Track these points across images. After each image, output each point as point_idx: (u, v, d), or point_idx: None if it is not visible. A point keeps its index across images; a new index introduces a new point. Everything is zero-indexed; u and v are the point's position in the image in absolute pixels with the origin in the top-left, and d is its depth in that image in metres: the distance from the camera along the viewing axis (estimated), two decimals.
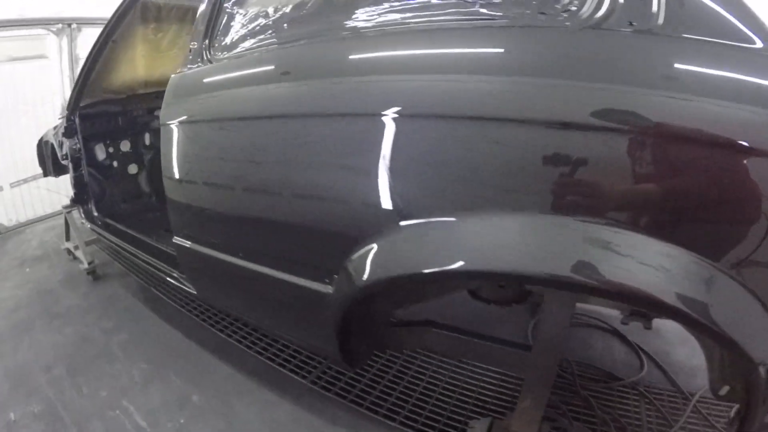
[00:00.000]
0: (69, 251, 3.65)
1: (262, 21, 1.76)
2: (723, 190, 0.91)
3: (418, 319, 1.75)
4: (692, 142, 0.92)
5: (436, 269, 1.15)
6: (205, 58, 1.87)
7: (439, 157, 1.14)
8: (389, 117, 1.19)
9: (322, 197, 1.37)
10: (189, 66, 1.91)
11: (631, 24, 1.01)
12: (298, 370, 2.31)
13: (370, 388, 2.18)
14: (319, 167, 1.35)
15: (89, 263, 3.36)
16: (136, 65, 3.16)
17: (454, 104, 1.11)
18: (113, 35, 2.67)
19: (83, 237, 3.47)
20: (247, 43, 1.76)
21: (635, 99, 0.94)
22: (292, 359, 2.39)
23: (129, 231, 2.96)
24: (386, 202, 1.22)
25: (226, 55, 1.82)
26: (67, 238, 3.67)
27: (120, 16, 2.57)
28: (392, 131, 1.20)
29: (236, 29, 1.84)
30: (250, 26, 1.79)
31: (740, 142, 0.88)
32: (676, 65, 0.95)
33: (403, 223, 1.21)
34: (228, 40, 1.85)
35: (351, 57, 1.39)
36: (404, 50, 1.29)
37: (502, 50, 1.13)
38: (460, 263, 1.12)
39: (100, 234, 3.18)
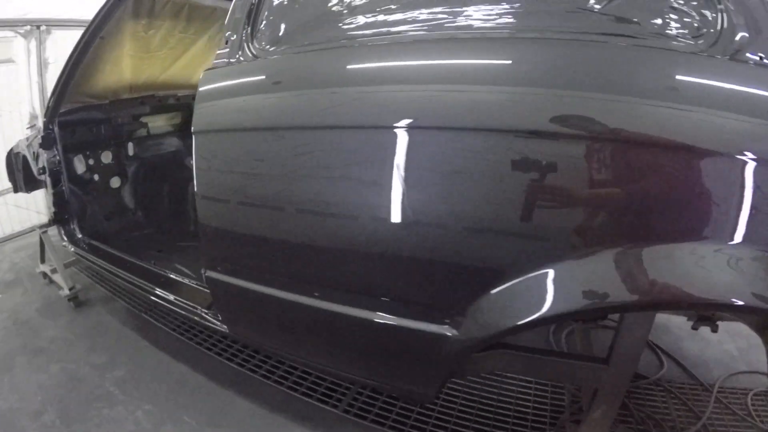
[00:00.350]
0: (45, 275, 3.27)
1: (336, 8, 1.54)
2: None
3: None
4: None
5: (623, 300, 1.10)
6: (247, 51, 1.62)
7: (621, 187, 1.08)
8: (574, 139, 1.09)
9: (464, 228, 1.22)
10: (229, 60, 1.65)
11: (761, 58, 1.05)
12: (326, 399, 2.09)
13: (407, 411, 2.01)
14: (463, 193, 1.20)
15: (70, 288, 3.00)
16: (122, 66, 2.84)
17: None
18: (102, 30, 2.36)
19: (61, 259, 3.11)
20: (317, 36, 1.53)
21: None
22: (317, 387, 2.16)
23: (124, 256, 2.64)
24: (550, 232, 1.14)
25: (280, 49, 1.58)
26: (43, 260, 3.29)
27: (111, 7, 2.26)
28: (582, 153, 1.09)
29: (292, 18, 1.63)
30: (317, 14, 1.58)
31: None
32: None
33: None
34: (280, 30, 1.61)
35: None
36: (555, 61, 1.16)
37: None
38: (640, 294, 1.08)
39: (85, 258, 2.83)
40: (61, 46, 4.14)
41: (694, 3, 1.13)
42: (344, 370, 1.72)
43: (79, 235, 2.94)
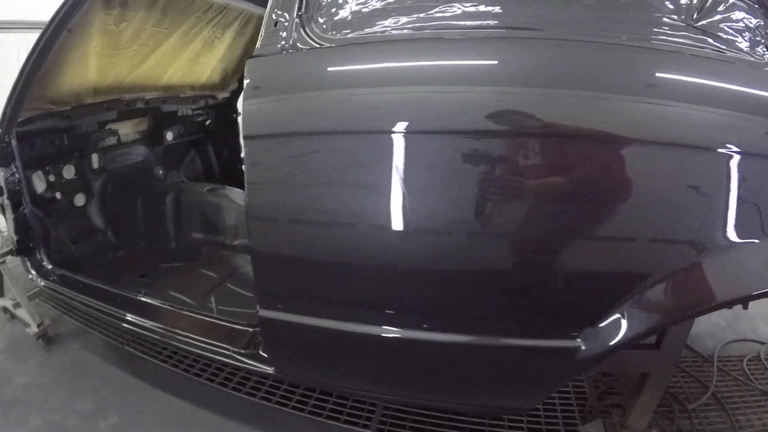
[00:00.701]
0: (6, 310, 2.83)
1: None
2: None
3: None
4: None
5: None
6: (305, 36, 1.37)
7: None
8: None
9: (599, 237, 1.21)
10: (283, 45, 1.38)
11: None
12: (355, 420, 1.97)
13: None
14: (594, 201, 1.19)
15: (39, 324, 2.59)
16: (88, 66, 2.48)
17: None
18: (70, 21, 2.02)
19: (25, 291, 2.69)
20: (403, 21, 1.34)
21: None
22: (341, 408, 2.02)
23: (110, 288, 2.30)
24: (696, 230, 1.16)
25: (352, 35, 1.37)
26: (1, 294, 2.86)
27: None
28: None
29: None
30: None
31: None
32: None
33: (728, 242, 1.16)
34: (347, 12, 1.40)
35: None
36: None
37: None
38: None
39: (57, 292, 2.45)
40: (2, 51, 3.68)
41: None
42: (428, 398, 1.63)
43: (48, 266, 2.55)
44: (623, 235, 1.19)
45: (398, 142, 1.21)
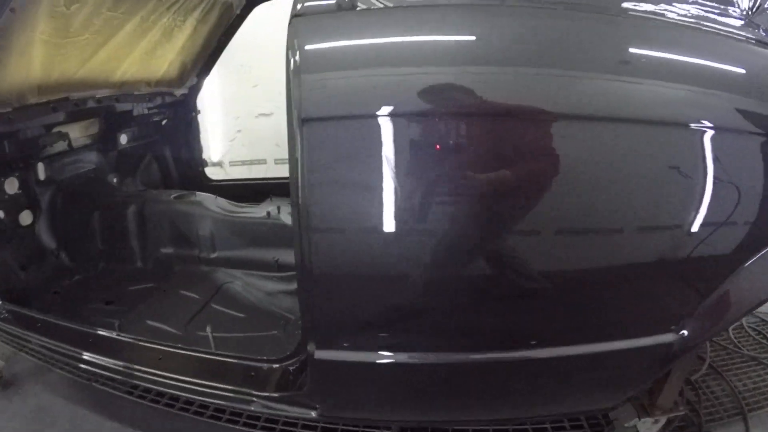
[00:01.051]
0: None
1: None
2: None
3: None
4: None
5: None
6: None
7: None
8: None
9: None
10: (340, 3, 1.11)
11: None
12: None
13: None
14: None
15: None
16: (33, 57, 2.08)
17: None
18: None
19: None
20: None
21: None
22: None
23: (78, 327, 1.94)
24: None
25: None
26: None
27: None
28: None
29: None
30: None
31: None
32: None
33: None
34: None
35: None
36: None
37: None
38: None
39: (10, 333, 2.06)
40: None
41: None
42: (520, 413, 1.57)
43: None
44: (719, 220, 1.15)
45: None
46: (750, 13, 1.33)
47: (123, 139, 3.05)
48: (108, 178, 3.06)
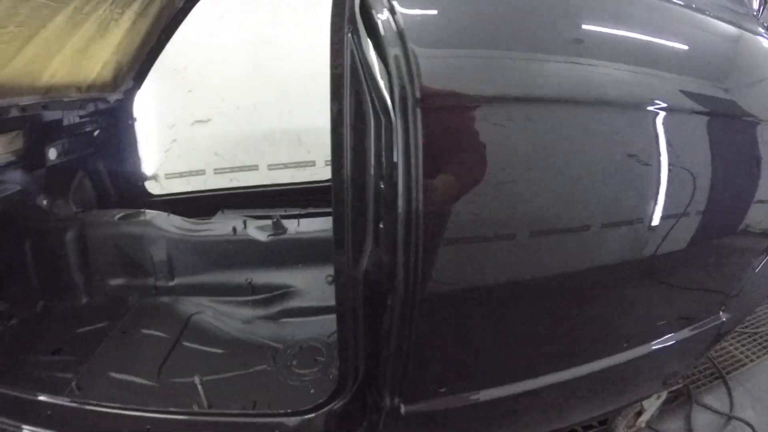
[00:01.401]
0: None
1: None
2: None
3: None
4: None
5: None
6: None
7: None
8: None
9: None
10: None
11: None
12: None
13: None
14: None
15: None
16: None
17: None
18: None
19: None
20: None
21: None
22: None
23: (23, 395, 1.55)
24: None
25: None
26: None
27: None
28: None
29: None
30: None
31: None
32: None
33: None
34: None
35: None
36: None
37: None
38: None
39: None
40: None
41: None
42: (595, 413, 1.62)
43: None
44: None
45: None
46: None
47: (52, 153, 2.61)
48: (37, 200, 2.61)
